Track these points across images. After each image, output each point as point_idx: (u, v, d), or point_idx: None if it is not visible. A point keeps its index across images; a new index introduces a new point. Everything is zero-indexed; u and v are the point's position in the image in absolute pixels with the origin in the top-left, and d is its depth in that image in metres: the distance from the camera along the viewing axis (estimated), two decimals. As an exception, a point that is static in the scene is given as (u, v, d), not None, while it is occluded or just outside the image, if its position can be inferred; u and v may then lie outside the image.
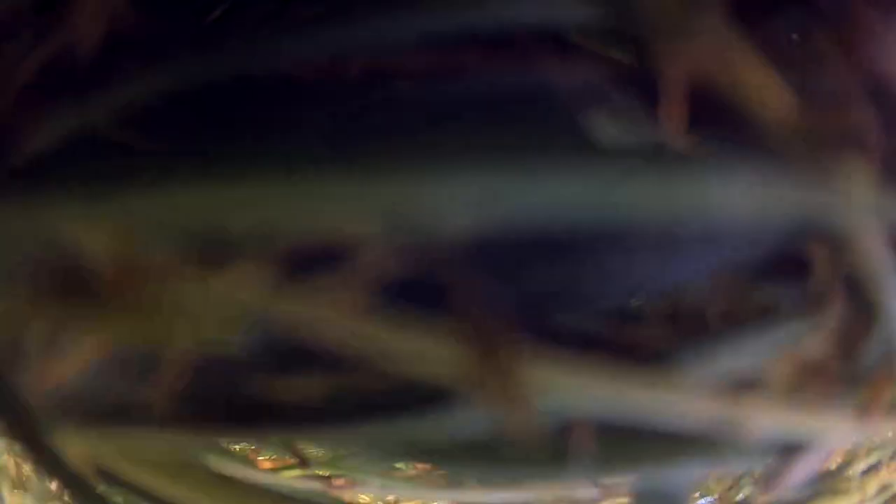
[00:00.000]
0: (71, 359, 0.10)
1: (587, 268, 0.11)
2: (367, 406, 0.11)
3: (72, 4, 0.11)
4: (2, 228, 0.10)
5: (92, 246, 0.09)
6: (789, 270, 0.12)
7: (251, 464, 0.18)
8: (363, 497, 0.21)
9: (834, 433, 0.12)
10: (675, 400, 0.10)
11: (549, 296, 0.11)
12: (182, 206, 0.09)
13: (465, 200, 0.09)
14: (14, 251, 0.10)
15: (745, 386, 0.11)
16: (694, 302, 0.13)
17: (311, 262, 0.09)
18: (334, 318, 0.09)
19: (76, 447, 0.11)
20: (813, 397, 0.12)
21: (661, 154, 0.09)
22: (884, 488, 0.18)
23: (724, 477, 0.18)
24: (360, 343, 0.09)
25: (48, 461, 0.11)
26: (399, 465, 0.20)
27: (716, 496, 0.19)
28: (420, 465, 0.19)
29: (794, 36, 0.11)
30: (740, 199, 0.09)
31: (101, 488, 0.11)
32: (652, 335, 0.12)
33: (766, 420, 0.11)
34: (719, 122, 0.10)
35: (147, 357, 0.10)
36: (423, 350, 0.09)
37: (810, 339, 0.12)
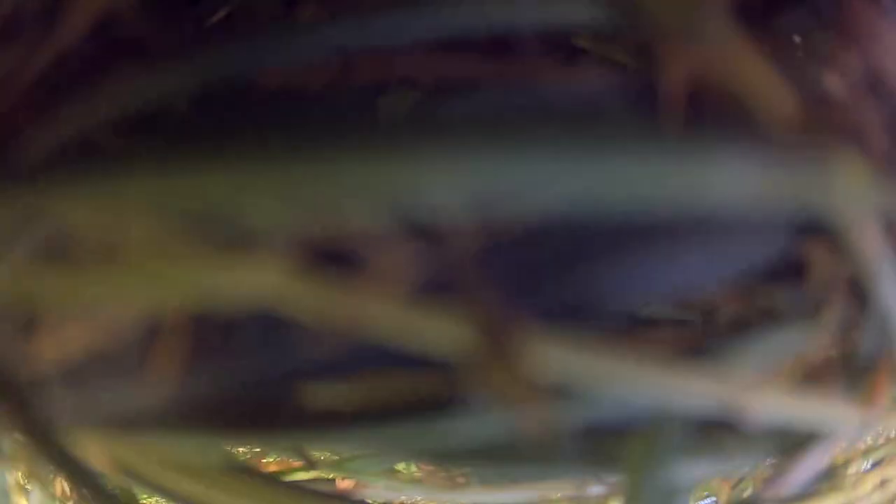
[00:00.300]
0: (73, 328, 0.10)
1: (597, 274, 0.11)
2: (382, 410, 0.11)
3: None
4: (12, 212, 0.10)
5: (94, 224, 0.09)
6: (791, 274, 0.12)
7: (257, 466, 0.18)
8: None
9: (837, 425, 0.12)
10: (683, 387, 0.10)
11: (560, 302, 0.11)
12: (185, 189, 0.09)
13: (464, 188, 0.09)
14: (26, 230, 0.10)
15: (750, 385, 0.11)
16: (701, 306, 0.13)
17: (332, 256, 0.09)
18: (352, 304, 0.09)
19: (95, 449, 0.11)
20: (817, 392, 0.12)
21: (662, 148, 0.09)
22: (882, 484, 0.18)
23: (728, 476, 0.18)
24: (377, 327, 0.09)
25: (66, 463, 0.11)
26: (403, 466, 0.20)
27: (719, 496, 0.19)
28: (425, 467, 0.19)
29: (796, 37, 0.11)
30: (741, 195, 0.10)
31: (118, 488, 0.11)
32: (661, 339, 0.12)
33: (771, 409, 0.11)
34: (721, 120, 0.10)
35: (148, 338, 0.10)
36: (438, 336, 0.09)
37: (813, 339, 0.12)
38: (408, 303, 0.09)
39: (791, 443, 0.13)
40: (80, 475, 0.11)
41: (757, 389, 0.11)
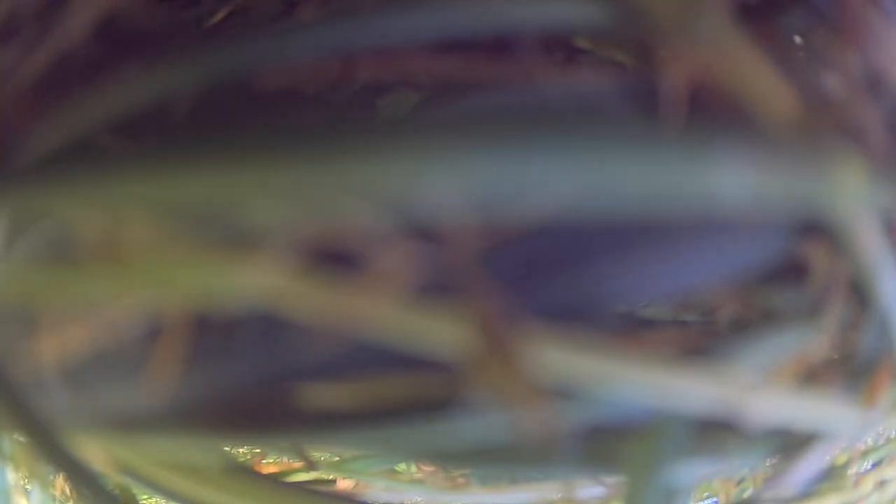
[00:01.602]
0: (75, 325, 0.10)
1: (597, 274, 0.11)
2: (381, 410, 0.11)
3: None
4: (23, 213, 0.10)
5: (94, 224, 0.09)
6: (791, 274, 0.12)
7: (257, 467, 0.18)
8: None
9: (837, 425, 0.12)
10: (683, 387, 0.10)
11: (560, 302, 0.11)
12: (185, 190, 0.09)
13: (464, 188, 0.09)
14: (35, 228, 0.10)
15: (750, 385, 0.11)
16: (701, 306, 0.13)
17: (332, 256, 0.09)
18: (352, 304, 0.09)
19: (95, 449, 0.11)
20: (817, 392, 0.12)
21: (662, 148, 0.09)
22: (882, 484, 0.18)
23: (728, 476, 0.18)
24: (377, 327, 0.09)
25: (66, 463, 0.11)
26: (403, 467, 0.20)
27: (719, 496, 0.19)
28: (425, 467, 0.19)
29: (796, 37, 0.11)
30: (741, 195, 0.10)
31: (118, 488, 0.12)
32: (661, 339, 0.12)
33: (771, 409, 0.11)
34: (721, 120, 0.10)
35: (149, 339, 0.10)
36: (438, 337, 0.09)
37: (813, 339, 0.12)
38: (408, 303, 0.09)
39: (791, 443, 0.13)
40: (80, 475, 0.11)
41: (757, 389, 0.11)
